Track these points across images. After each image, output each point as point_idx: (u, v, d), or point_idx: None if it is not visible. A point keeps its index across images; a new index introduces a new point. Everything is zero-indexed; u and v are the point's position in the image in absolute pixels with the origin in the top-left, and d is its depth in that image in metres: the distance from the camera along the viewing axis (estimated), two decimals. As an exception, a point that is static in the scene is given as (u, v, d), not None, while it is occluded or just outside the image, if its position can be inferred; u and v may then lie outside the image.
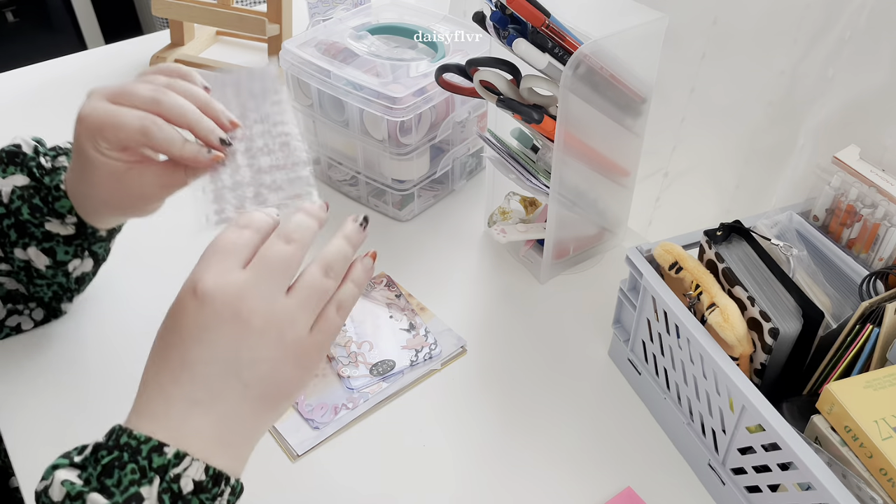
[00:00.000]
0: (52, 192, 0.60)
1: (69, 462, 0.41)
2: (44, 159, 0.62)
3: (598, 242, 0.81)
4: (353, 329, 0.72)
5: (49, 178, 0.61)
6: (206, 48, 1.22)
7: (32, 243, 0.61)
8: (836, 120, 0.69)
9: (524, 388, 0.68)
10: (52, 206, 0.60)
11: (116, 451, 0.40)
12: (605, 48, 0.63)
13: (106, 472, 0.40)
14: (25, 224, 0.60)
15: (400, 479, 0.60)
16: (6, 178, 0.61)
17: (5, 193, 0.60)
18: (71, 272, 0.64)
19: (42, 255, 0.62)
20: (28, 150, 0.62)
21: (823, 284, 0.61)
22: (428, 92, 0.77)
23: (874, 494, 0.46)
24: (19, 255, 0.61)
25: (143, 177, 0.55)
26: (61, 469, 0.40)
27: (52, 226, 0.61)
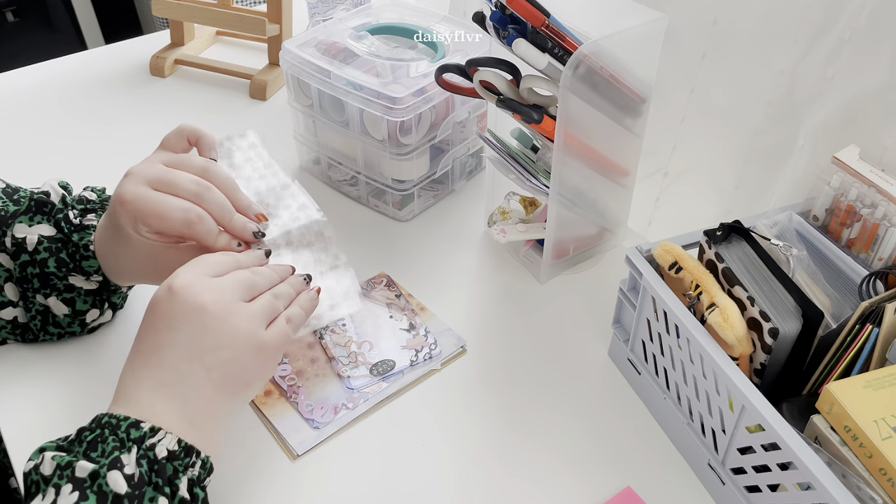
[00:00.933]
0: (81, 250, 0.62)
1: (55, 445, 0.47)
2: (72, 213, 0.63)
3: (598, 242, 0.81)
4: (353, 329, 0.72)
5: (77, 235, 0.62)
6: (206, 48, 1.22)
7: (54, 294, 0.62)
8: (836, 120, 0.69)
9: (524, 388, 0.68)
10: (79, 264, 0.62)
11: (98, 429, 0.47)
12: (605, 48, 0.63)
13: (90, 446, 0.46)
14: (49, 276, 0.61)
15: (400, 479, 0.60)
16: (32, 226, 0.62)
17: (30, 242, 0.61)
18: (88, 322, 0.66)
19: (62, 305, 0.63)
20: (56, 198, 0.63)
21: (823, 284, 0.61)
22: (428, 92, 0.77)
23: (874, 494, 0.46)
24: (40, 301, 0.63)
25: (179, 255, 0.58)
26: (49, 450, 0.46)
27: (76, 280, 0.63)
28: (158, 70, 1.13)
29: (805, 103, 0.72)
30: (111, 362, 0.68)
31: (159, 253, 0.58)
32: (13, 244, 0.61)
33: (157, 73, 1.14)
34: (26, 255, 0.61)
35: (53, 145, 0.98)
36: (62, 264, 0.61)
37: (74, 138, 1.00)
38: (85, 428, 0.48)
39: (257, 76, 1.09)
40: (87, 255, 0.62)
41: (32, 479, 0.45)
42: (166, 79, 1.14)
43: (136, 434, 0.46)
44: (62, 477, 0.44)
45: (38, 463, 0.45)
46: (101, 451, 0.46)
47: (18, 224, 0.62)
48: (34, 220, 0.62)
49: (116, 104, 1.07)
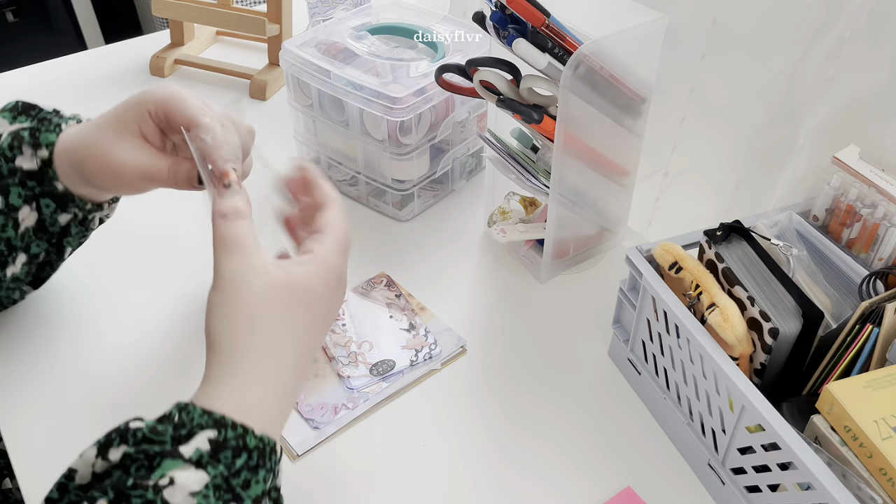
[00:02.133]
0: (50, 126, 0.59)
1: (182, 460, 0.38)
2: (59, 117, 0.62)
3: (598, 242, 0.81)
4: (353, 329, 0.72)
5: (59, 119, 0.60)
6: (206, 48, 1.22)
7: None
8: (836, 120, 0.69)
9: (524, 388, 0.68)
10: (37, 138, 0.58)
11: (245, 454, 0.40)
12: (605, 48, 0.63)
13: (235, 474, 0.40)
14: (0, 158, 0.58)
15: (400, 479, 0.60)
16: (13, 124, 0.60)
17: (3, 135, 0.59)
18: (20, 223, 0.59)
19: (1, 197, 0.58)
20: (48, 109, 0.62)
21: (823, 284, 0.61)
22: (428, 92, 0.77)
23: (874, 494, 0.46)
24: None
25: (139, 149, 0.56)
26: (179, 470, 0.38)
27: (21, 159, 0.58)
28: (158, 70, 1.13)
29: (805, 103, 0.72)
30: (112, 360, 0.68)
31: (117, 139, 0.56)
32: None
33: (157, 73, 1.14)
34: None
35: (53, 145, 0.98)
36: (16, 139, 0.58)
37: (74, 138, 0.99)
38: (222, 444, 0.40)
39: (257, 76, 1.09)
40: (51, 130, 0.59)
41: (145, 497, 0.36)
42: (166, 79, 1.14)
43: (274, 460, 0.42)
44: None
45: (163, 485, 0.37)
46: (244, 483, 0.40)
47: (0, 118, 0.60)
48: (17, 119, 0.60)
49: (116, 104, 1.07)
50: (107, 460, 0.39)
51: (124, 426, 0.40)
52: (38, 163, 0.58)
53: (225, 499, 0.38)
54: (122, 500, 0.36)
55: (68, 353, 0.68)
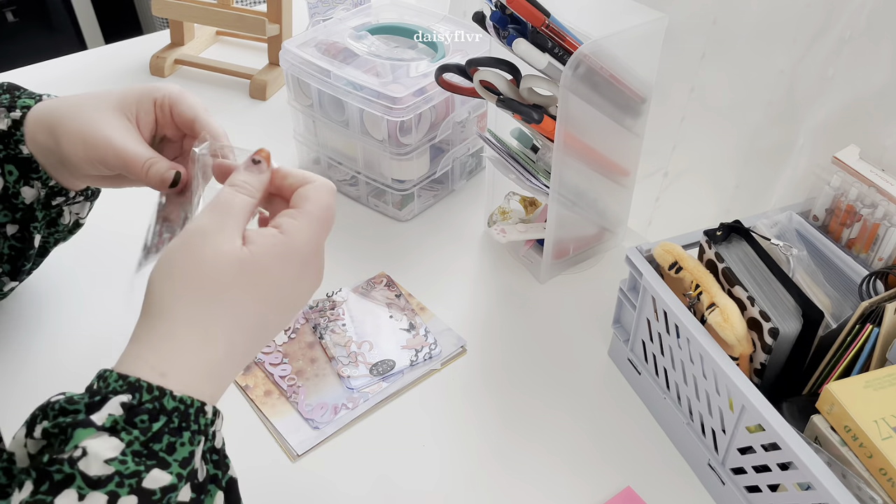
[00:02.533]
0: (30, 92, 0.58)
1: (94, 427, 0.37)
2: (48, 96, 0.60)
3: (598, 242, 0.81)
4: (353, 329, 0.72)
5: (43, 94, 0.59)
6: (206, 48, 1.22)
7: None
8: (836, 120, 0.69)
9: (524, 388, 0.68)
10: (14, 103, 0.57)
11: (163, 415, 0.38)
12: (605, 48, 0.63)
13: (154, 437, 0.37)
14: None
15: (399, 479, 0.60)
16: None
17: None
18: None
19: None
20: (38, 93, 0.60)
21: (823, 284, 0.61)
22: (428, 92, 0.77)
23: (874, 494, 0.46)
24: None
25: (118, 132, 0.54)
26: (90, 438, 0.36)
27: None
28: (158, 70, 1.13)
29: (805, 103, 0.72)
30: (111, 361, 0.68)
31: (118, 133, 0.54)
32: None
33: (157, 73, 1.14)
34: None
35: (53, 145, 0.98)
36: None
37: (74, 138, 0.99)
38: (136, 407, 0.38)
39: (257, 76, 1.09)
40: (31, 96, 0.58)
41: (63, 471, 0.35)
42: (166, 79, 1.14)
43: (203, 422, 0.39)
44: (123, 485, 0.35)
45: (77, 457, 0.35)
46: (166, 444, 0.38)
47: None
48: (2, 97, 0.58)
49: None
50: (33, 438, 0.37)
51: (46, 402, 0.38)
52: (7, 123, 0.56)
53: (147, 464, 0.36)
54: (44, 478, 0.35)
55: (69, 352, 0.68)
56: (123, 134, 0.54)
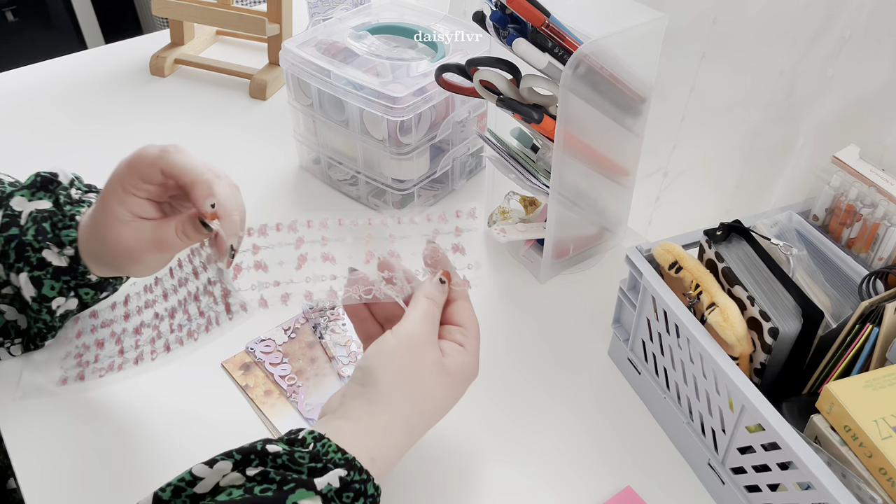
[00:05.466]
0: (66, 220, 0.60)
1: (315, 492, 0.42)
2: (74, 191, 0.62)
3: (598, 242, 0.81)
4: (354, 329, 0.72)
5: (70, 207, 0.61)
6: (206, 48, 1.22)
7: (26, 269, 0.60)
8: (836, 119, 0.69)
9: (524, 388, 0.68)
10: (57, 233, 0.60)
11: (363, 498, 0.44)
12: (605, 48, 0.63)
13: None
14: (26, 246, 0.59)
15: (399, 479, 0.60)
16: (31, 201, 0.61)
17: (24, 216, 0.60)
18: (55, 310, 0.62)
19: (30, 286, 0.60)
20: (64, 180, 0.63)
21: (823, 284, 0.61)
22: (428, 92, 0.77)
23: (874, 494, 0.46)
24: (13, 281, 0.60)
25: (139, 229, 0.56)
26: (308, 500, 0.41)
27: (49, 254, 0.60)
28: (158, 70, 1.13)
29: (805, 103, 0.72)
30: (111, 362, 0.68)
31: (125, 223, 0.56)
32: (6, 216, 0.60)
33: (157, 72, 1.14)
34: (16, 228, 0.60)
35: (53, 145, 0.98)
36: (41, 233, 0.59)
37: (74, 138, 1.00)
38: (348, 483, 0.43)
39: (257, 76, 1.09)
40: (69, 225, 0.60)
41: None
42: (166, 78, 1.14)
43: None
44: None
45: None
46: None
47: (19, 196, 0.61)
48: (35, 195, 0.61)
49: (116, 104, 1.07)
50: (243, 475, 0.42)
51: (261, 448, 0.43)
52: (66, 261, 0.60)
53: None
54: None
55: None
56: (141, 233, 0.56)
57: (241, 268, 0.55)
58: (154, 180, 0.55)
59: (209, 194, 0.53)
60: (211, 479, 0.42)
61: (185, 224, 0.55)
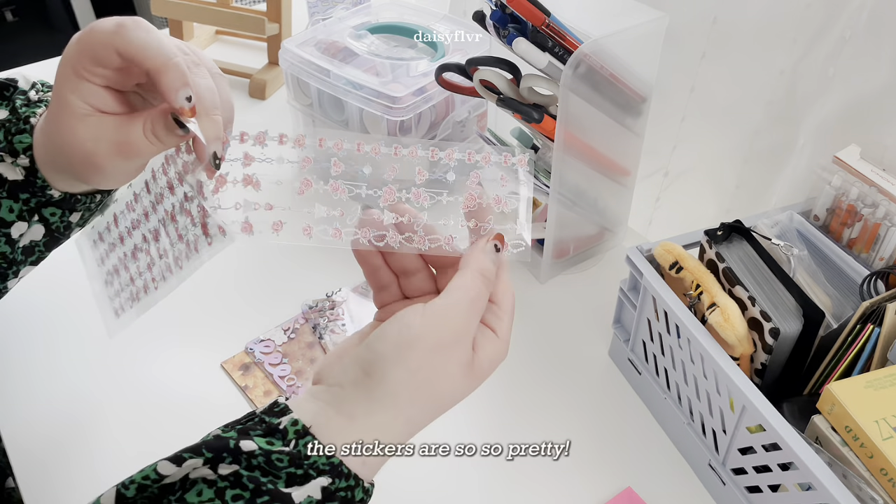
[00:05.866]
0: (20, 124, 0.49)
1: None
2: (34, 93, 0.52)
3: (598, 242, 0.81)
4: (353, 329, 0.72)
5: (25, 109, 0.50)
6: (206, 47, 1.22)
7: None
8: (837, 119, 0.69)
9: (524, 388, 0.68)
10: (10, 140, 0.49)
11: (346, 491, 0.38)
12: (606, 47, 0.63)
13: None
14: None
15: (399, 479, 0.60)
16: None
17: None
18: (16, 239, 0.51)
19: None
20: (24, 84, 0.53)
21: (824, 284, 0.61)
22: (428, 91, 0.77)
23: (874, 494, 0.46)
24: None
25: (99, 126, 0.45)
26: None
27: (2, 167, 0.49)
28: (158, 69, 1.13)
29: (805, 103, 0.72)
30: (110, 361, 0.68)
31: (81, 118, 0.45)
32: None
33: (156, 72, 1.13)
34: None
35: (52, 145, 0.98)
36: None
37: (74, 138, 0.99)
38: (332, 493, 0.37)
39: (257, 75, 1.09)
40: (22, 129, 0.49)
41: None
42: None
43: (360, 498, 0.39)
44: None
45: None
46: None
47: None
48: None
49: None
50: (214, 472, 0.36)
51: (234, 445, 0.36)
52: (21, 173, 0.50)
53: None
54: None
55: (70, 351, 0.68)
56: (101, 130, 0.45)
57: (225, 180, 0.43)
58: (110, 64, 0.43)
59: (183, 84, 0.42)
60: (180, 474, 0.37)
61: (156, 121, 0.44)
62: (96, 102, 0.45)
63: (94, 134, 0.44)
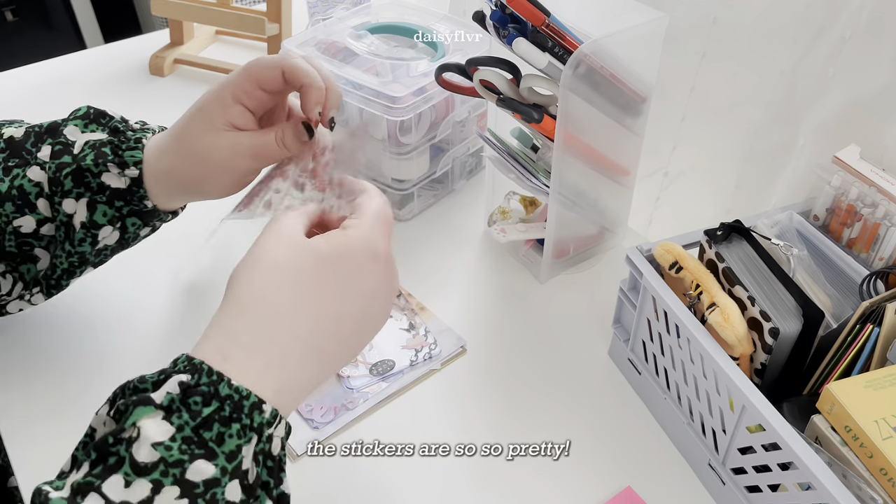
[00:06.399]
0: (130, 143, 0.58)
1: (153, 406, 0.37)
2: (134, 122, 0.62)
3: (598, 242, 0.81)
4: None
5: (132, 133, 0.59)
6: (206, 48, 1.22)
7: (87, 195, 0.57)
8: (837, 119, 0.69)
9: (524, 388, 0.68)
10: (120, 155, 0.58)
11: (216, 401, 0.37)
12: (606, 47, 0.63)
13: (204, 424, 0.37)
14: (84, 172, 0.57)
15: (399, 479, 0.60)
16: (84, 133, 0.59)
17: (77, 145, 0.58)
18: (99, 240, 0.59)
19: (85, 210, 0.57)
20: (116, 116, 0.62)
21: (824, 284, 0.61)
22: (428, 91, 0.77)
23: (874, 494, 0.46)
24: (66, 209, 0.57)
25: (236, 137, 0.55)
26: (147, 418, 0.36)
27: (108, 177, 0.57)
28: (158, 69, 1.13)
29: (805, 103, 0.72)
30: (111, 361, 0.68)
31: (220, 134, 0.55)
32: (58, 144, 0.58)
33: (156, 72, 1.13)
34: (69, 156, 0.57)
35: (53, 145, 0.98)
36: (101, 157, 0.57)
37: (74, 138, 0.99)
38: (193, 388, 0.37)
39: (257, 75, 1.09)
40: (133, 147, 0.58)
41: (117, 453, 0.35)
42: (166, 78, 1.13)
43: (258, 420, 0.38)
44: (167, 475, 0.35)
45: (133, 437, 0.35)
46: (217, 432, 0.37)
47: (72, 126, 0.59)
48: (89, 128, 0.59)
49: (116, 104, 1.06)
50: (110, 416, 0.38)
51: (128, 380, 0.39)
52: (126, 181, 0.58)
53: (195, 453, 0.36)
54: (100, 459, 0.36)
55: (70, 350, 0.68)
56: (240, 140, 0.56)
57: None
58: (273, 85, 0.55)
59: (318, 102, 0.54)
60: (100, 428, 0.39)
61: (287, 131, 0.55)
62: (239, 122, 0.56)
63: (232, 143, 0.55)
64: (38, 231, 0.58)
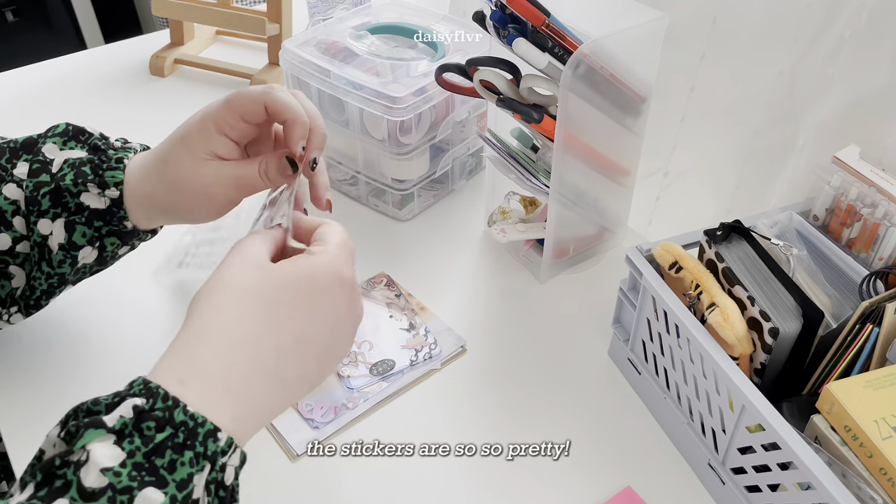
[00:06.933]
0: (111, 162, 0.57)
1: (105, 429, 0.35)
2: (113, 139, 0.60)
3: (598, 242, 0.81)
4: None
5: (113, 152, 0.58)
6: (206, 48, 1.22)
7: (63, 215, 0.56)
8: (836, 119, 0.69)
9: (524, 388, 0.68)
10: (101, 174, 0.56)
11: (170, 427, 0.36)
12: (605, 48, 0.63)
13: (157, 450, 0.36)
14: (63, 192, 0.56)
15: (399, 480, 0.60)
16: (63, 150, 0.58)
17: (56, 164, 0.57)
18: (78, 261, 0.58)
19: (63, 231, 0.56)
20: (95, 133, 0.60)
21: (823, 284, 0.61)
22: (428, 91, 0.77)
23: (874, 494, 0.46)
24: (41, 230, 0.56)
25: (219, 167, 0.54)
26: (97, 441, 0.35)
27: (87, 196, 0.56)
28: (158, 70, 1.13)
29: (805, 103, 0.72)
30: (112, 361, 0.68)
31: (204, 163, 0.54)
32: (36, 162, 0.56)
33: (156, 72, 1.14)
34: (47, 175, 0.56)
35: (53, 145, 0.98)
36: (80, 176, 0.56)
37: (74, 138, 0.99)
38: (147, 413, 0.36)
39: (257, 76, 1.09)
40: (114, 167, 0.57)
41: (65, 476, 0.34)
42: (166, 78, 1.14)
43: (212, 448, 0.37)
44: (114, 501, 0.34)
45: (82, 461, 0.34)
46: (169, 460, 0.36)
47: (50, 144, 0.57)
48: (68, 145, 0.58)
49: (116, 104, 1.07)
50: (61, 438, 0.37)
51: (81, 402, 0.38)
52: (106, 202, 0.57)
53: (145, 480, 0.35)
54: (45, 482, 0.35)
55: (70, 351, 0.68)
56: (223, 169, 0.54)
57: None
58: (255, 118, 0.53)
59: (302, 136, 0.52)
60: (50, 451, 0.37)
61: (270, 163, 0.53)
62: (222, 151, 0.54)
63: (215, 172, 0.54)
64: (13, 249, 0.57)
